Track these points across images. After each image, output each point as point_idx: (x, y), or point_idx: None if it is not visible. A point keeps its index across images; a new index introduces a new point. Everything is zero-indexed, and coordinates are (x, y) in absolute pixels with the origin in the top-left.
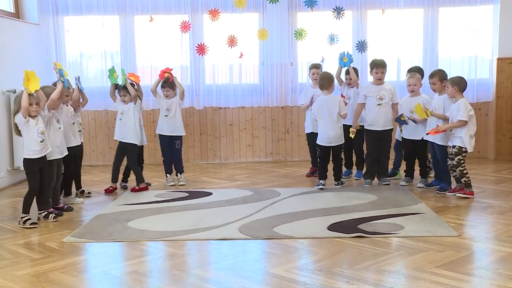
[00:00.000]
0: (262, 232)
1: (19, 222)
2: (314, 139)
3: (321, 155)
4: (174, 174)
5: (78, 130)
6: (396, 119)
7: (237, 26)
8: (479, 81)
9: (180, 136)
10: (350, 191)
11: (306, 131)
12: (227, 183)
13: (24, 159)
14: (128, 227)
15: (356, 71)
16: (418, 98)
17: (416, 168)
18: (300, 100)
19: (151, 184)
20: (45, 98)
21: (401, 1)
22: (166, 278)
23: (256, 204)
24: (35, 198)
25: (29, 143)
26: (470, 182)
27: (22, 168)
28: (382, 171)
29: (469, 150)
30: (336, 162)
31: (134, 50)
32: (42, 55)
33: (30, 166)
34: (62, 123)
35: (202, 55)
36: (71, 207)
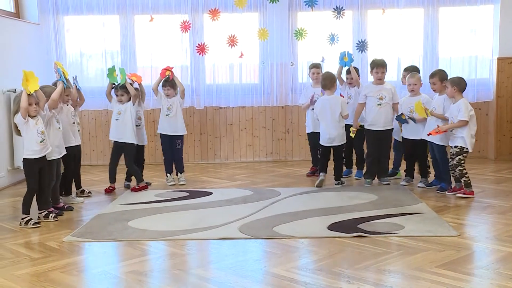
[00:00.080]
0: (262, 232)
1: (20, 222)
2: (314, 138)
3: (322, 153)
4: (174, 174)
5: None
6: (396, 117)
7: (237, 25)
8: (479, 80)
9: (181, 136)
10: (350, 191)
11: (307, 131)
12: (227, 182)
13: (23, 159)
14: (128, 226)
15: (357, 71)
16: (418, 98)
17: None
18: (301, 99)
19: (151, 183)
20: (44, 98)
21: (401, 0)
22: (166, 277)
23: (256, 204)
24: (35, 198)
25: (28, 143)
26: (470, 182)
27: (22, 168)
28: (382, 171)
29: (469, 150)
30: (337, 161)
31: (134, 50)
32: (42, 55)
33: (29, 166)
34: (63, 123)
35: (202, 55)
36: (71, 207)
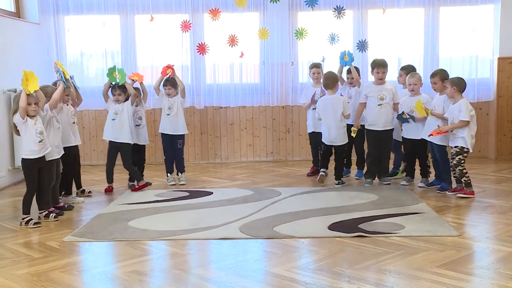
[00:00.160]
0: (263, 232)
1: (20, 222)
2: (315, 138)
3: (324, 150)
4: (175, 174)
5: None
6: (397, 116)
7: (237, 25)
8: (480, 80)
9: (182, 135)
10: (350, 191)
11: (308, 131)
12: (228, 182)
13: (22, 159)
14: (129, 226)
15: (357, 70)
16: (418, 97)
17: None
18: (301, 99)
19: (151, 183)
20: (44, 98)
21: (401, 0)
22: (167, 277)
23: (256, 204)
24: (36, 198)
25: (27, 143)
26: (470, 181)
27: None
28: (382, 171)
29: (470, 150)
30: (338, 161)
31: (135, 50)
32: (42, 55)
33: (28, 166)
34: (63, 123)
35: (203, 55)
36: (71, 206)
